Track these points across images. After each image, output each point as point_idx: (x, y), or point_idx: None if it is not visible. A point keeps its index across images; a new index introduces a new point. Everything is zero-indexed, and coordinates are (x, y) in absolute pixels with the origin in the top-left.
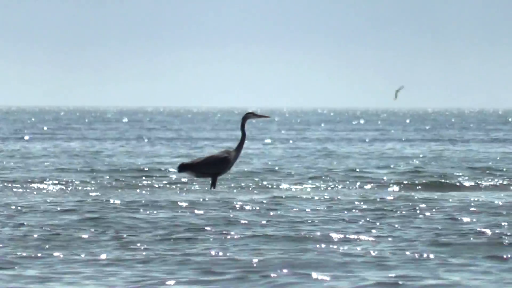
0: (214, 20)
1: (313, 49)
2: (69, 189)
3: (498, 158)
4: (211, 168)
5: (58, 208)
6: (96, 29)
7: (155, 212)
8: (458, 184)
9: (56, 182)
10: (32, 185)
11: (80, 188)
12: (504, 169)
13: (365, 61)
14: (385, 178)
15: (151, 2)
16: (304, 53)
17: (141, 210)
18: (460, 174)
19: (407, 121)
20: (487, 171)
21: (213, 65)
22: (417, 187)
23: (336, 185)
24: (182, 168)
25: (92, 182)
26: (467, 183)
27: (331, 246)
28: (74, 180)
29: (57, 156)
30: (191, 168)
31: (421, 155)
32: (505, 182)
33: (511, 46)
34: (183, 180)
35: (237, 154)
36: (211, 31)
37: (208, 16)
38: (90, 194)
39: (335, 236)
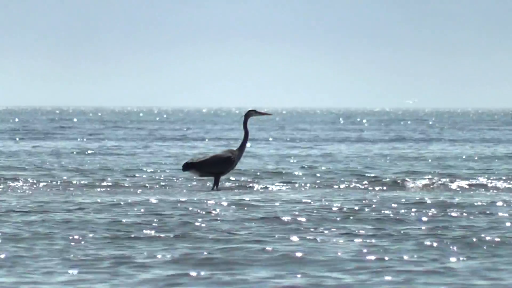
0: (215, 20)
1: (311, 49)
2: (48, 188)
3: (474, 159)
4: (215, 167)
5: (33, 207)
6: (95, 28)
7: (133, 211)
8: (437, 184)
9: (36, 181)
10: (13, 183)
11: (60, 187)
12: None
13: (364, 61)
14: (369, 177)
15: (151, 1)
16: (302, 54)
17: (120, 210)
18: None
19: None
20: (464, 171)
21: (214, 64)
22: (407, 187)
23: (325, 185)
24: (187, 167)
25: (73, 182)
26: (439, 183)
27: (315, 244)
28: (54, 180)
29: (41, 155)
30: (195, 167)
31: (412, 155)
32: (479, 182)
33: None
34: (165, 180)
35: (240, 154)
36: (212, 31)
37: (209, 16)
38: (68, 193)
39: (318, 235)
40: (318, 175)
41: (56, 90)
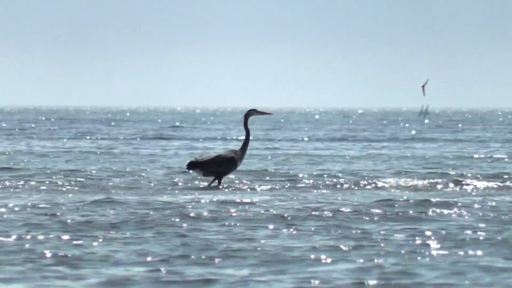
0: (214, 20)
1: (311, 49)
2: (34, 188)
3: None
4: (219, 167)
5: (20, 207)
6: (95, 28)
7: (118, 210)
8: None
9: (24, 181)
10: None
11: (46, 187)
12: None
13: (364, 61)
14: (360, 176)
15: (151, 1)
16: (302, 54)
17: (104, 209)
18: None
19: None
20: (439, 171)
21: (213, 64)
22: (396, 186)
23: (313, 185)
24: (191, 166)
25: (59, 182)
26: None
27: (302, 242)
28: (42, 180)
29: (33, 155)
30: (200, 166)
31: (404, 155)
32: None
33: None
34: (155, 179)
35: (242, 154)
36: (212, 31)
37: (209, 16)
38: (56, 193)
39: (304, 234)
40: (307, 174)
41: (55, 90)
